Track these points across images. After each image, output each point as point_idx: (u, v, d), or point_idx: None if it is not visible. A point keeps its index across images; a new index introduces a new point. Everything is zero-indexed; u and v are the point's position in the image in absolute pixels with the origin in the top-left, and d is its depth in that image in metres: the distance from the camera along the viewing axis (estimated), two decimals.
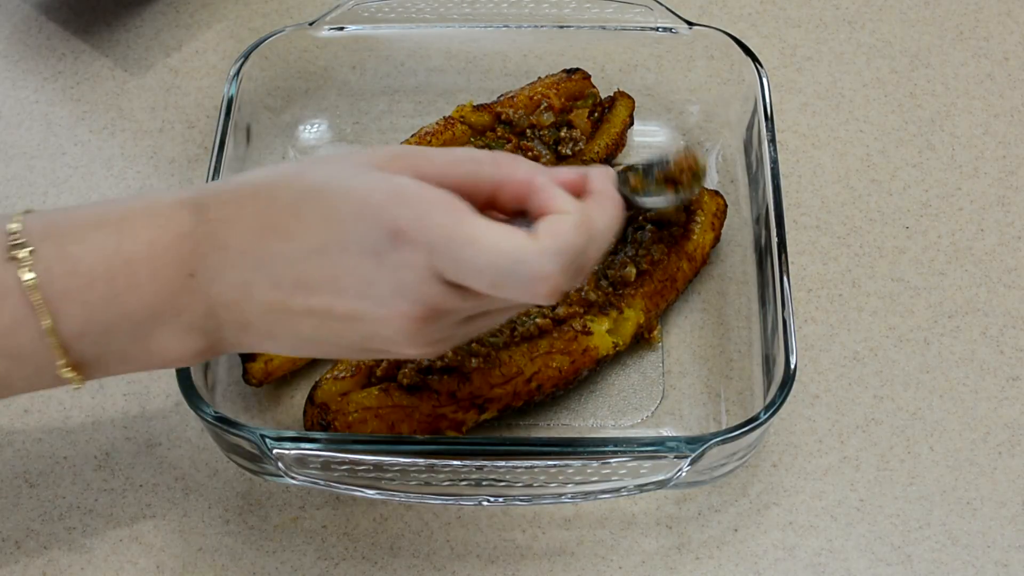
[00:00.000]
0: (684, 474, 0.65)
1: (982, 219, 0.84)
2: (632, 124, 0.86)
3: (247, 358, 0.72)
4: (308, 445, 0.64)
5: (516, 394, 0.70)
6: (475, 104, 0.83)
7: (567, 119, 0.83)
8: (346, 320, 0.51)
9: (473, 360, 0.69)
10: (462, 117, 0.81)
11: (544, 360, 0.71)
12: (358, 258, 0.49)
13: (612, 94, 0.87)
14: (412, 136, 0.81)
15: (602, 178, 0.55)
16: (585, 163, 0.83)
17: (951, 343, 0.78)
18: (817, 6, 0.97)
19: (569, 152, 0.82)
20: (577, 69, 0.86)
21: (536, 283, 0.49)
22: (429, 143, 0.80)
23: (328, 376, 0.71)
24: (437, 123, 0.81)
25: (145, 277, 0.51)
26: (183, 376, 0.66)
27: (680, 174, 0.69)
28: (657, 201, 0.65)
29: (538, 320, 0.71)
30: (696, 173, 0.69)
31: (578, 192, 0.54)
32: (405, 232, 0.49)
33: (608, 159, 0.84)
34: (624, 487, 0.67)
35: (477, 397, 0.69)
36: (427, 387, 0.69)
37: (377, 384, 0.70)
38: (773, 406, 0.65)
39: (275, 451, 0.64)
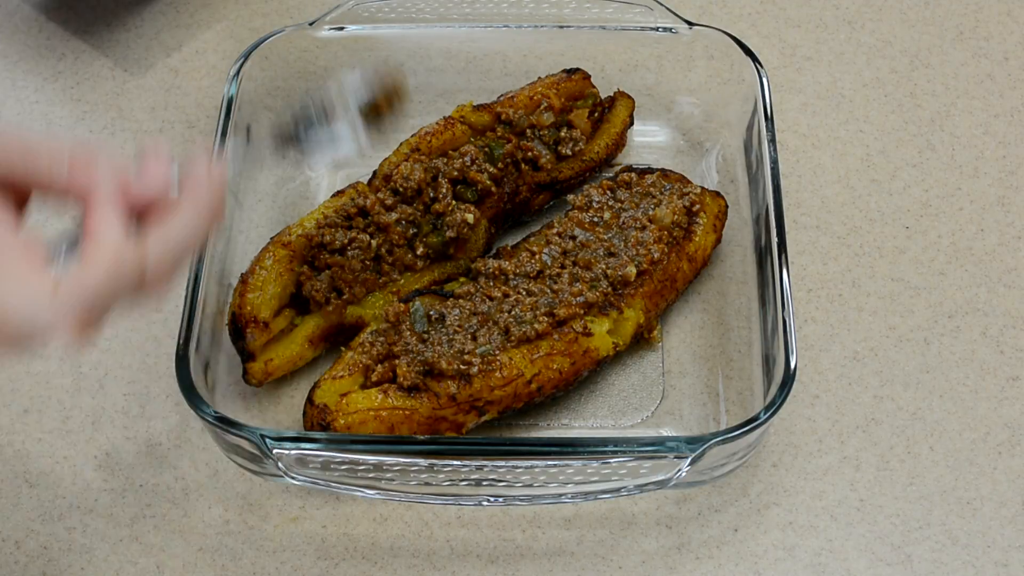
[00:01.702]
0: (684, 474, 0.65)
1: (982, 219, 0.84)
2: (632, 124, 0.86)
3: (247, 358, 0.72)
4: (308, 445, 0.64)
5: (516, 396, 0.70)
6: (475, 104, 0.83)
7: (567, 119, 0.83)
8: None
9: (474, 363, 0.69)
10: (462, 117, 0.81)
11: (544, 362, 0.71)
12: None
13: (612, 94, 0.87)
14: (412, 136, 0.81)
15: (198, 176, 0.53)
16: (585, 163, 0.82)
17: (951, 343, 0.78)
18: (817, 6, 0.97)
19: (569, 152, 0.82)
20: (577, 69, 0.86)
21: (48, 337, 0.49)
22: (429, 143, 0.80)
23: (326, 376, 0.71)
24: (437, 123, 0.81)
25: None
26: (183, 376, 0.66)
27: (385, 104, 0.68)
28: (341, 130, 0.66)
29: (536, 326, 0.71)
30: (400, 94, 0.68)
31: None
32: None
33: (608, 159, 0.84)
34: (624, 487, 0.67)
35: (477, 400, 0.69)
36: (427, 389, 0.69)
37: (375, 386, 0.70)
38: (773, 406, 0.65)
39: (275, 451, 0.64)
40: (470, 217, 0.76)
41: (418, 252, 0.77)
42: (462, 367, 0.69)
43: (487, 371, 0.69)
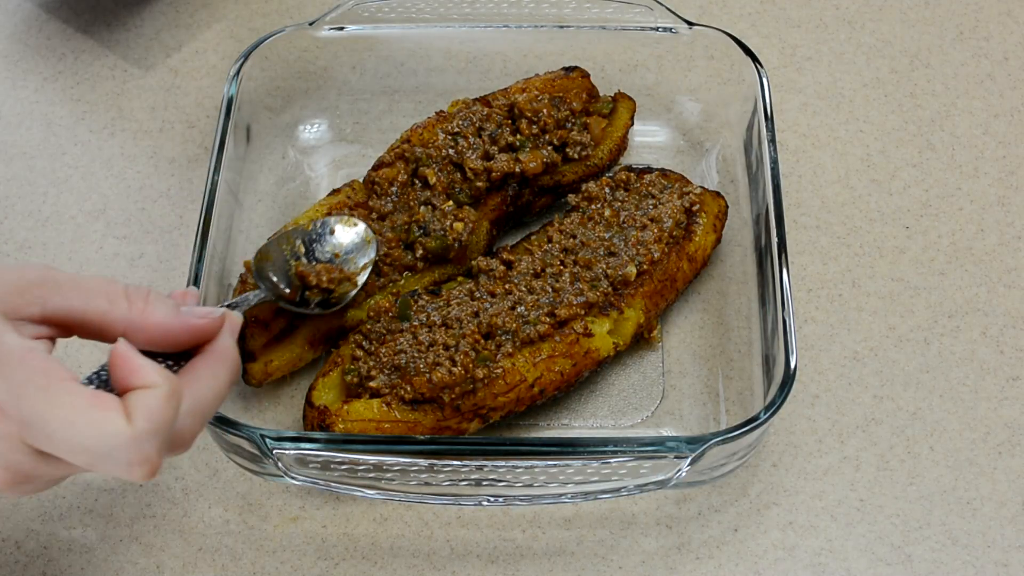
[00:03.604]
0: (684, 474, 0.65)
1: (982, 219, 0.84)
2: (632, 124, 0.86)
3: (247, 358, 0.72)
4: (308, 445, 0.64)
5: (519, 400, 0.70)
6: (471, 99, 0.82)
7: (585, 121, 0.82)
8: None
9: (480, 372, 0.69)
10: (458, 110, 0.81)
11: (547, 364, 0.71)
12: None
13: (612, 96, 0.86)
14: (405, 131, 0.81)
15: (224, 336, 0.56)
16: (589, 168, 0.82)
17: (951, 343, 0.78)
18: (817, 6, 0.97)
19: (576, 156, 0.81)
20: (575, 67, 0.85)
21: (134, 467, 0.50)
22: (421, 135, 0.79)
23: (319, 375, 0.72)
24: (429, 117, 0.81)
25: None
26: None
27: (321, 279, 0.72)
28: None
29: (539, 327, 0.71)
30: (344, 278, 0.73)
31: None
32: None
33: (611, 164, 0.84)
34: (624, 487, 0.67)
35: (481, 408, 0.69)
36: (431, 400, 0.69)
37: (375, 396, 0.70)
38: (773, 406, 0.65)
39: (275, 451, 0.64)
40: (459, 226, 0.76)
41: (417, 254, 0.76)
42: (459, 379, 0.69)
43: (491, 379, 0.69)
